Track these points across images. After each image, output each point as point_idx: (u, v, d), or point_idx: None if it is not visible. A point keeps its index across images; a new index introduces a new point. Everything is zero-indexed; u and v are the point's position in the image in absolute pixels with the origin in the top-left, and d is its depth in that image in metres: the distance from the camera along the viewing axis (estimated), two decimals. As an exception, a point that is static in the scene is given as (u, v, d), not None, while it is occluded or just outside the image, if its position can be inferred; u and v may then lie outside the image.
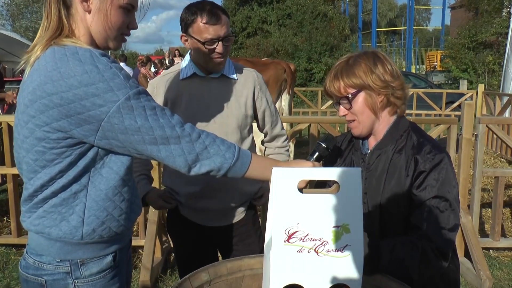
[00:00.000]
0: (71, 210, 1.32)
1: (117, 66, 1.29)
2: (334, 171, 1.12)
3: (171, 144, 1.30)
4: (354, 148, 1.70)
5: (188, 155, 1.32)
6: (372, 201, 1.57)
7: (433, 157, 1.49)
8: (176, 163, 1.33)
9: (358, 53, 1.61)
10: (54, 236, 1.33)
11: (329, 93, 1.61)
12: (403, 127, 1.60)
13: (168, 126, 1.29)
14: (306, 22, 22.44)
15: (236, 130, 2.07)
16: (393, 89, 1.54)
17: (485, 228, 4.52)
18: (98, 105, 1.22)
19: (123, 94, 1.24)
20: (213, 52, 1.93)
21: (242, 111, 2.08)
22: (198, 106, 2.04)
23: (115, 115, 1.24)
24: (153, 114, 1.28)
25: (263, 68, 6.08)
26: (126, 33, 1.43)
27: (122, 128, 1.26)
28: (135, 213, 1.49)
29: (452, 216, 1.45)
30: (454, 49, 20.31)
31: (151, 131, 1.27)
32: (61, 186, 1.31)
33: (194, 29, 1.93)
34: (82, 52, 1.25)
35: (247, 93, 2.10)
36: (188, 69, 2.06)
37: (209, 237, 2.19)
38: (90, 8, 1.33)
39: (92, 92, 1.22)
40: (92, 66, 1.23)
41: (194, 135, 1.33)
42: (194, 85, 2.05)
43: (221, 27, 1.91)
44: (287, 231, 1.11)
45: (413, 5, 28.31)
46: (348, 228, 1.12)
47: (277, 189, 1.10)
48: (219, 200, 2.09)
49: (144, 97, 1.29)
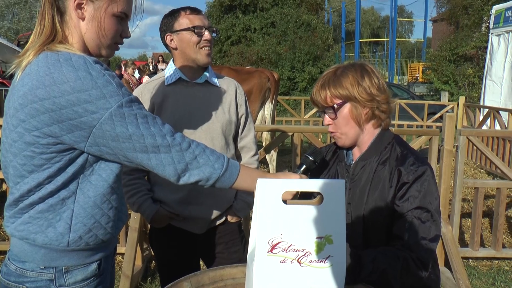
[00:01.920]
0: (58, 217, 1.31)
1: (110, 73, 1.29)
2: (318, 183, 1.12)
3: (161, 153, 1.31)
4: (339, 159, 1.72)
5: (177, 164, 1.33)
6: (355, 212, 1.59)
7: (416, 169, 1.51)
8: (165, 172, 1.33)
9: (346, 64, 1.63)
10: (39, 243, 1.31)
11: (315, 102, 1.63)
12: (388, 139, 1.62)
13: (159, 135, 1.30)
14: (290, 31, 22.58)
15: (221, 136, 2.08)
16: (379, 103, 1.56)
17: (464, 238, 4.59)
18: (90, 111, 1.23)
19: (115, 102, 1.24)
20: (202, 40, 1.99)
21: (226, 116, 2.10)
22: (183, 111, 2.05)
23: (107, 122, 1.24)
24: (144, 123, 1.29)
25: (247, 77, 6.10)
26: (119, 42, 1.44)
27: (113, 135, 1.26)
28: (122, 221, 1.48)
29: (433, 227, 1.48)
30: (436, 61, 20.66)
31: (142, 139, 1.28)
32: (48, 192, 1.29)
33: (180, 22, 2.00)
34: (75, 58, 1.25)
35: (230, 99, 2.13)
36: (173, 75, 2.08)
37: (193, 245, 2.18)
38: (84, 15, 1.33)
39: (85, 99, 1.22)
40: (85, 73, 1.23)
41: (184, 145, 1.34)
42: (179, 90, 2.07)
43: (205, 18, 2.03)
44: (270, 242, 1.10)
45: (396, 17, 28.71)
46: (331, 239, 1.12)
47: (262, 199, 1.10)
48: (205, 206, 2.09)
49: (136, 105, 1.30)
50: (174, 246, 2.18)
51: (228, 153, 2.12)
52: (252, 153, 2.26)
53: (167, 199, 2.09)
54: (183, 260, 2.21)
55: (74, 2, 1.31)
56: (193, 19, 1.99)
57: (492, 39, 10.05)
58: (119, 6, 1.36)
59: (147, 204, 2.08)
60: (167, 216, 2.09)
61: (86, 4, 1.32)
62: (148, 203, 2.09)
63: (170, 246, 2.20)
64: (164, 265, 2.29)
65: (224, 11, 23.79)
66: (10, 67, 1.35)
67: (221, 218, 2.17)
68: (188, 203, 2.07)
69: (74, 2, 1.31)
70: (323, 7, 26.58)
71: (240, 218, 2.24)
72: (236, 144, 2.23)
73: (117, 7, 1.36)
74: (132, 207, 2.12)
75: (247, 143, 2.24)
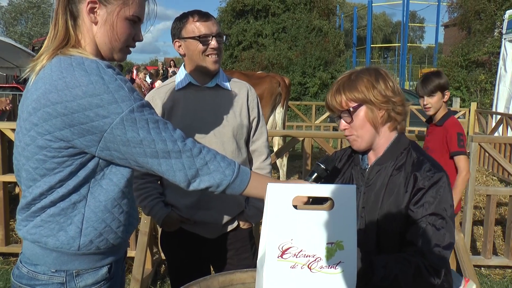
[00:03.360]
0: (69, 220, 1.32)
1: (122, 78, 1.30)
2: (329, 188, 1.12)
3: (172, 158, 1.31)
4: (354, 163, 1.72)
5: (188, 170, 1.33)
6: (369, 216, 1.59)
7: (432, 175, 1.51)
8: (176, 177, 1.33)
9: (360, 69, 1.64)
10: (50, 246, 1.32)
11: (331, 107, 1.63)
12: (404, 144, 1.62)
13: (170, 140, 1.30)
14: (301, 36, 22.58)
15: (232, 139, 2.08)
16: (394, 104, 1.57)
17: (476, 246, 4.53)
18: (101, 116, 1.23)
19: (127, 106, 1.25)
20: (208, 48, 1.98)
21: (237, 120, 2.10)
22: (194, 116, 2.05)
23: (118, 127, 1.25)
24: (155, 128, 1.29)
25: (258, 82, 6.10)
26: (131, 45, 1.44)
27: (124, 140, 1.26)
28: (132, 226, 1.48)
29: (447, 234, 1.47)
30: (447, 67, 20.50)
31: (153, 144, 1.28)
32: (60, 195, 1.30)
33: (187, 29, 1.99)
34: (88, 62, 1.26)
35: (242, 103, 2.13)
36: (183, 79, 2.09)
37: (203, 250, 2.18)
38: (97, 19, 1.34)
39: (97, 103, 1.22)
40: (97, 77, 1.24)
41: (195, 150, 1.34)
42: (189, 95, 2.07)
43: (213, 24, 2.00)
44: (280, 247, 1.10)
45: (407, 23, 28.60)
46: (341, 245, 1.11)
47: (272, 204, 1.10)
48: (216, 210, 2.09)
49: (147, 110, 1.30)
50: (184, 250, 2.19)
51: (240, 157, 2.12)
52: (264, 157, 2.24)
53: (178, 203, 2.10)
54: (193, 264, 2.21)
55: (87, 6, 1.32)
56: (199, 26, 1.98)
57: (505, 45, 9.96)
58: (132, 10, 1.37)
59: (158, 207, 2.08)
60: (178, 220, 2.10)
61: (99, 8, 1.33)
62: (159, 206, 2.09)
63: (181, 250, 2.20)
64: (174, 269, 2.29)
65: (236, 16, 23.88)
66: (24, 72, 1.37)
67: (232, 223, 2.17)
68: (199, 208, 2.07)
69: (87, 6, 1.32)
70: (334, 12, 26.56)
71: (252, 225, 2.24)
72: (248, 148, 2.22)
73: (130, 11, 1.36)
74: (143, 210, 2.13)
75: (258, 146, 2.23)
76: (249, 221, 2.19)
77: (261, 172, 2.22)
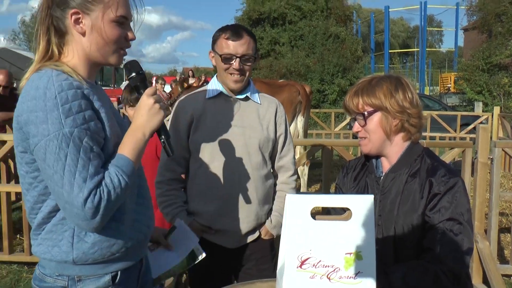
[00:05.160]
0: (60, 236, 1.34)
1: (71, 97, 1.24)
2: (347, 198, 1.12)
3: (66, 210, 1.26)
4: (368, 171, 1.72)
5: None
6: (386, 224, 1.59)
7: (447, 180, 1.51)
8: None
9: (382, 75, 1.66)
10: (50, 259, 1.36)
11: (348, 108, 1.66)
12: (417, 151, 1.62)
13: (76, 186, 1.21)
14: (318, 43, 22.57)
15: (258, 151, 2.11)
16: (409, 116, 1.57)
17: (504, 254, 4.42)
18: (32, 134, 1.23)
19: (54, 130, 1.21)
20: (230, 68, 2.01)
21: (264, 133, 2.13)
22: (222, 125, 2.09)
23: (39, 150, 1.23)
24: (72, 165, 1.22)
25: (278, 90, 6.11)
26: (126, 46, 1.44)
27: (42, 166, 1.25)
28: (139, 232, 1.47)
29: (465, 239, 1.46)
30: (468, 71, 20.22)
31: (60, 182, 1.22)
32: (47, 212, 1.33)
33: (217, 44, 2.04)
34: (44, 76, 1.26)
35: (270, 117, 2.16)
36: (214, 88, 2.13)
37: (224, 260, 2.19)
38: (84, 29, 1.36)
39: (32, 120, 1.22)
40: (41, 93, 1.23)
41: (89, 213, 1.23)
42: (219, 104, 2.11)
43: (241, 45, 2.00)
44: (299, 257, 1.11)
45: (425, 27, 28.37)
46: (360, 255, 1.11)
47: (291, 215, 1.11)
48: (238, 219, 2.10)
49: (75, 140, 1.23)
50: (207, 260, 2.20)
51: (264, 170, 2.15)
52: (290, 173, 2.26)
53: (202, 210, 2.12)
54: (215, 274, 2.21)
55: (71, 19, 1.34)
56: (226, 45, 2.01)
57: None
58: (115, 11, 1.37)
59: (180, 216, 2.10)
60: (199, 230, 2.11)
61: (83, 18, 1.35)
62: (181, 215, 2.11)
63: (204, 260, 2.21)
64: (195, 278, 2.30)
65: (252, 25, 24.00)
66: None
67: (253, 234, 2.18)
68: (222, 216, 2.10)
69: (72, 19, 1.34)
70: (351, 19, 26.52)
71: (273, 236, 2.24)
72: (273, 162, 2.24)
73: (114, 12, 1.37)
74: (166, 218, 2.16)
75: (285, 163, 2.25)
76: (270, 232, 2.19)
77: (286, 187, 2.25)
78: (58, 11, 1.35)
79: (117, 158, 1.32)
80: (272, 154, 2.22)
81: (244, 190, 2.09)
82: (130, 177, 1.31)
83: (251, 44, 2.04)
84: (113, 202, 1.26)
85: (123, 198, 1.31)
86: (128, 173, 1.31)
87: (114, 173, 1.28)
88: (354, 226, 1.11)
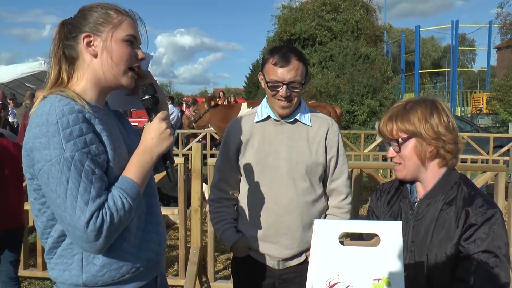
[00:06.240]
0: (70, 260, 1.37)
1: (72, 121, 1.26)
2: (375, 224, 1.14)
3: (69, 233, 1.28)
4: (402, 196, 1.70)
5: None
6: (419, 251, 1.56)
7: (485, 211, 1.47)
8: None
9: (418, 98, 1.63)
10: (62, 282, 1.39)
11: (382, 133, 1.64)
12: (454, 178, 1.59)
13: (78, 209, 1.22)
14: (348, 64, 22.51)
15: (304, 177, 2.07)
16: (444, 142, 1.54)
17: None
18: (36, 160, 1.26)
19: (56, 155, 1.23)
20: (277, 94, 1.99)
21: (312, 158, 2.08)
22: (269, 150, 2.08)
23: (42, 175, 1.25)
24: (74, 189, 1.23)
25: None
26: (135, 65, 1.48)
27: (45, 190, 1.28)
28: (149, 251, 1.48)
29: (502, 274, 1.41)
30: (502, 91, 19.78)
31: (64, 206, 1.23)
32: (56, 236, 1.36)
33: (265, 69, 2.02)
34: (48, 102, 1.29)
35: (319, 140, 2.11)
36: (263, 112, 2.12)
37: (270, 279, 2.19)
38: (96, 51, 1.40)
39: (36, 146, 1.26)
40: (44, 119, 1.26)
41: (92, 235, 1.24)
42: (267, 128, 2.11)
43: (289, 71, 1.96)
44: (328, 282, 1.12)
45: (457, 46, 27.96)
46: (388, 281, 1.12)
47: (319, 240, 1.13)
48: (281, 245, 2.10)
49: (76, 164, 1.24)
50: (251, 276, 2.22)
51: (312, 195, 2.10)
52: (342, 197, 2.18)
53: (245, 233, 2.16)
54: None
55: (84, 43, 1.39)
56: (273, 71, 1.97)
57: None
58: (124, 31, 1.42)
59: (229, 232, 2.15)
60: (247, 248, 2.14)
61: (94, 40, 1.40)
62: (230, 231, 2.15)
63: (248, 277, 2.23)
64: None
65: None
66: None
67: (299, 257, 2.16)
68: (265, 241, 2.11)
69: (84, 42, 1.39)
70: (382, 39, 26.37)
71: None
72: (325, 186, 2.20)
73: (122, 32, 1.42)
74: (216, 233, 2.21)
75: (338, 186, 2.17)
76: None
77: (337, 211, 2.17)
78: (70, 39, 1.40)
79: (121, 180, 1.33)
80: (324, 177, 2.17)
81: (287, 217, 2.07)
82: (134, 199, 1.32)
83: (299, 69, 1.99)
84: (116, 224, 1.26)
85: (127, 220, 1.32)
86: (132, 196, 1.31)
87: (118, 195, 1.29)
88: (383, 252, 1.12)
